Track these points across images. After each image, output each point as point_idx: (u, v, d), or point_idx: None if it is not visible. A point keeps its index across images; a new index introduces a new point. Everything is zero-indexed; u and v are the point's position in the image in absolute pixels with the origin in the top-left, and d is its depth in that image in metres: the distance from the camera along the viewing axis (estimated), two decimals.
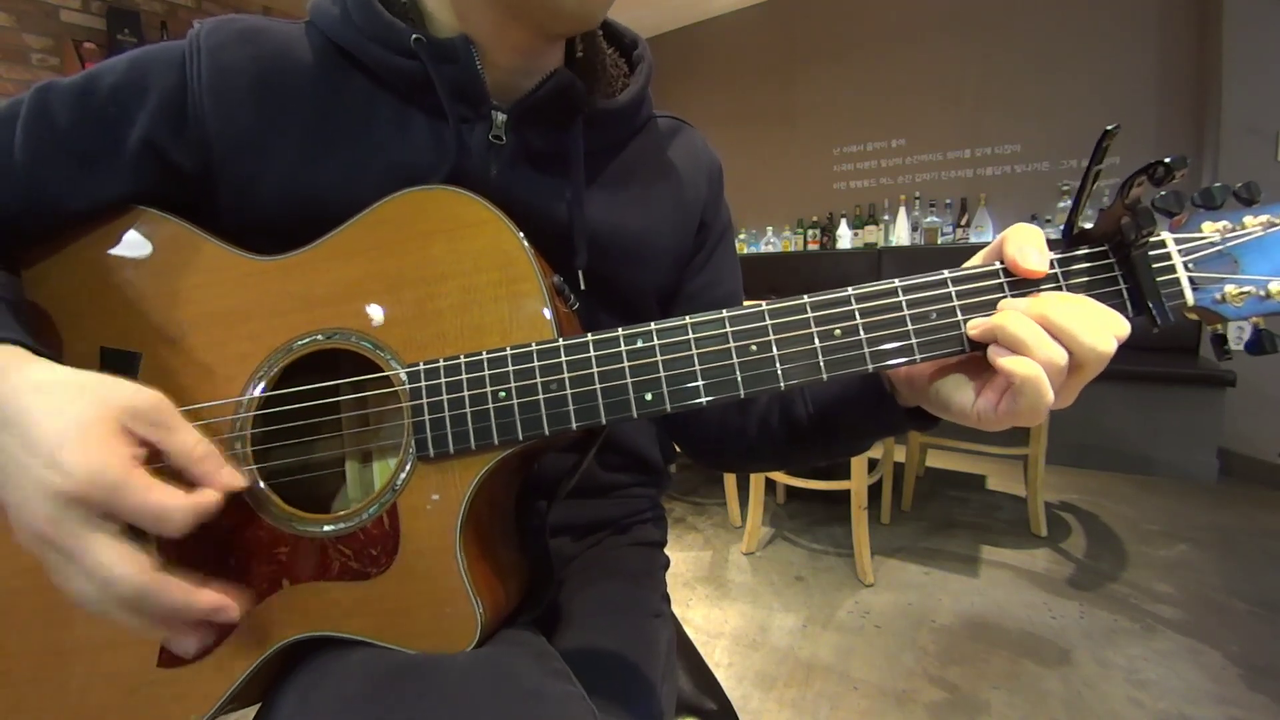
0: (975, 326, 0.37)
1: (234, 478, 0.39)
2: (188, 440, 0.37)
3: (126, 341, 0.45)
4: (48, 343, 0.44)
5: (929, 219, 3.47)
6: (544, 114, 0.49)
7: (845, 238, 3.70)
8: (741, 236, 4.10)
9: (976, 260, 0.40)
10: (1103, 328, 0.34)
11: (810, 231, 3.85)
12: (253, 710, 0.48)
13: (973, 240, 3.34)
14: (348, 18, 0.47)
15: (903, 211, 3.54)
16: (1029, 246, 0.37)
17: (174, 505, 0.34)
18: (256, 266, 0.45)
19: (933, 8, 3.46)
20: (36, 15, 3.02)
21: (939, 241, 3.44)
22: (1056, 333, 0.34)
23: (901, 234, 3.52)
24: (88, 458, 0.33)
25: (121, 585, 0.33)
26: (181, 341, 0.45)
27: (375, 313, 0.43)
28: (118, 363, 0.45)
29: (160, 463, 0.37)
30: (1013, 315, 0.35)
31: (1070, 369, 0.35)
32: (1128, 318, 0.36)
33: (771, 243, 4.08)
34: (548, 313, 0.41)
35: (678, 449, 0.68)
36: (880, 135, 3.70)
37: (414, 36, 0.45)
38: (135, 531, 0.35)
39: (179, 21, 3.45)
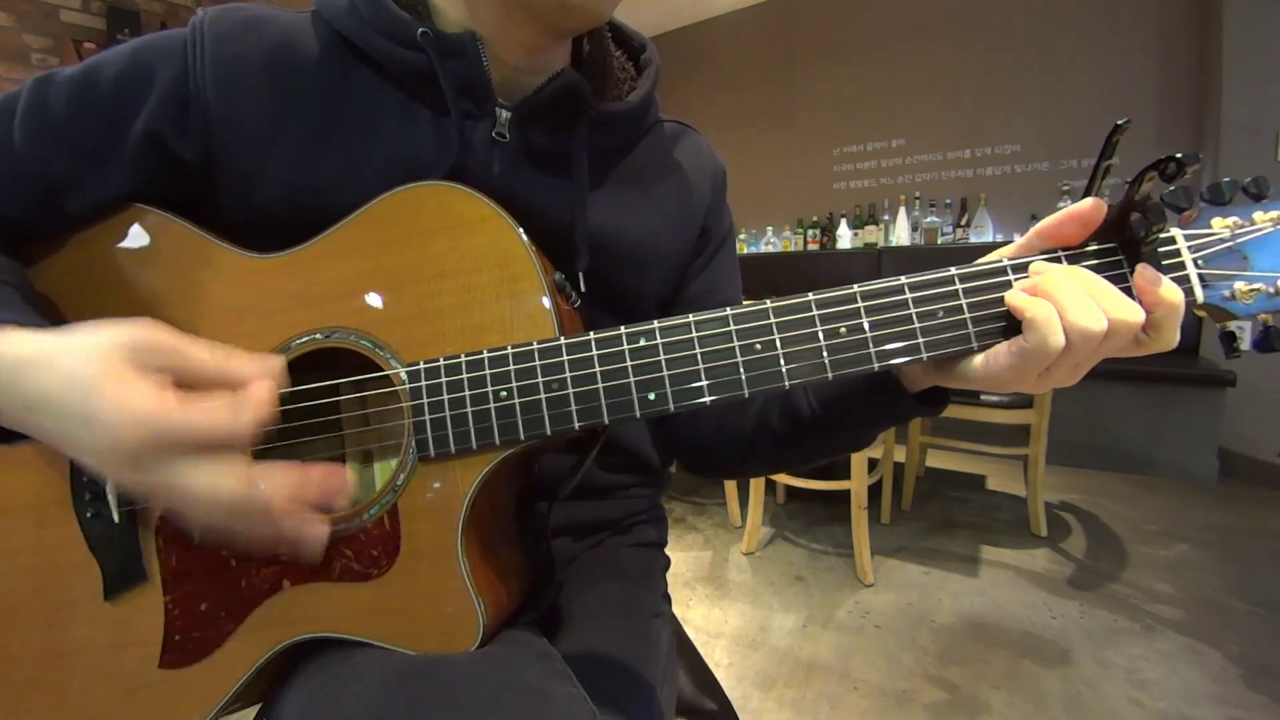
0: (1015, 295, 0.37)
1: (270, 362, 0.38)
2: (200, 355, 0.36)
3: None
4: None
5: (929, 219, 3.47)
6: (548, 113, 0.49)
7: (845, 238, 3.70)
8: (742, 236, 4.10)
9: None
10: (1129, 303, 0.35)
11: (810, 231, 3.85)
12: (253, 710, 0.48)
13: (973, 240, 3.33)
14: (354, 10, 0.46)
15: (903, 211, 3.53)
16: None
17: (224, 405, 0.34)
18: (255, 265, 0.45)
19: (933, 8, 3.46)
20: (36, 15, 3.02)
21: (939, 241, 3.44)
22: (1093, 296, 0.34)
23: (901, 234, 3.52)
24: (118, 414, 0.32)
25: (226, 495, 0.33)
26: None
27: (375, 311, 0.43)
28: None
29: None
30: (1053, 270, 0.36)
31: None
32: None
33: (771, 243, 4.07)
34: (549, 311, 0.41)
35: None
36: (880, 135, 3.70)
37: (420, 30, 0.45)
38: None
39: (179, 21, 3.44)
